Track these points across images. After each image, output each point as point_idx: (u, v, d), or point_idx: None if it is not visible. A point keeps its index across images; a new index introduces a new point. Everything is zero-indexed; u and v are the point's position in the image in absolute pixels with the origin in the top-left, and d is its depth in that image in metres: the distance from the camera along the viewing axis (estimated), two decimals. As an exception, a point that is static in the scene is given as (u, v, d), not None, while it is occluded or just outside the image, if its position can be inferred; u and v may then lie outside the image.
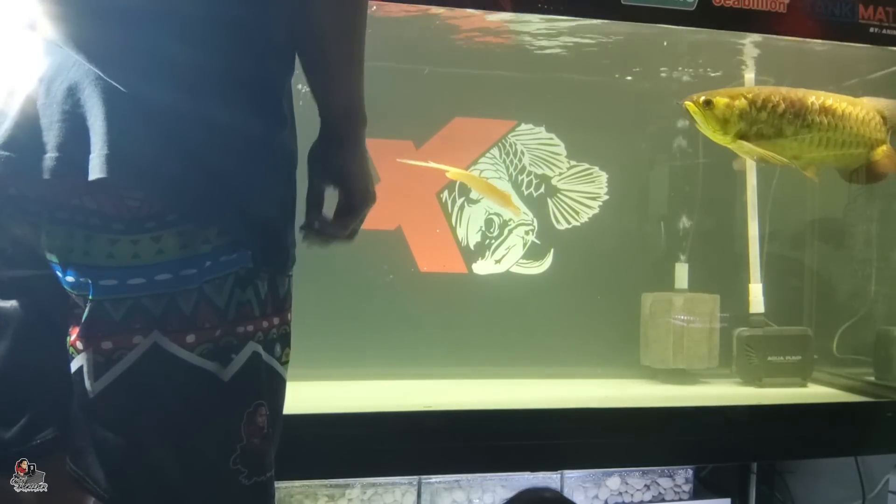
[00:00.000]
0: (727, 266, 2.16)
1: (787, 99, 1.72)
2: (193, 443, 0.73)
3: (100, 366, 0.70)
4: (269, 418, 0.78)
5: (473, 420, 1.60)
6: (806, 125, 1.72)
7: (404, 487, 1.80)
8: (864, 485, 2.01)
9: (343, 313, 1.99)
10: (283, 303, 0.82)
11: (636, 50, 2.00)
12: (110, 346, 0.70)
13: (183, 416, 0.73)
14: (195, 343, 0.73)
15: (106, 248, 0.71)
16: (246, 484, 0.76)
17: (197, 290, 0.73)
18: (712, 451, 1.73)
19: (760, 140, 1.71)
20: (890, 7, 1.75)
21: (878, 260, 2.16)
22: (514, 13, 1.66)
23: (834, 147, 1.75)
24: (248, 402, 0.76)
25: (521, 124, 2.14)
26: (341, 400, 1.78)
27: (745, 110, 1.69)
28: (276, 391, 0.82)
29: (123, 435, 0.72)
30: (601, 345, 2.10)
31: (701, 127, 1.73)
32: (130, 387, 0.71)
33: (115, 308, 0.71)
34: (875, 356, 2.02)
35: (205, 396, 0.74)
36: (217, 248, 0.74)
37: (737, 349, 2.06)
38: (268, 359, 0.79)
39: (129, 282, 0.72)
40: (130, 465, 0.72)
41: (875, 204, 2.19)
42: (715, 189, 2.18)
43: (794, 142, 1.73)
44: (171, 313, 0.72)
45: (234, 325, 0.75)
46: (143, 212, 0.72)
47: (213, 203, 0.74)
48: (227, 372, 0.74)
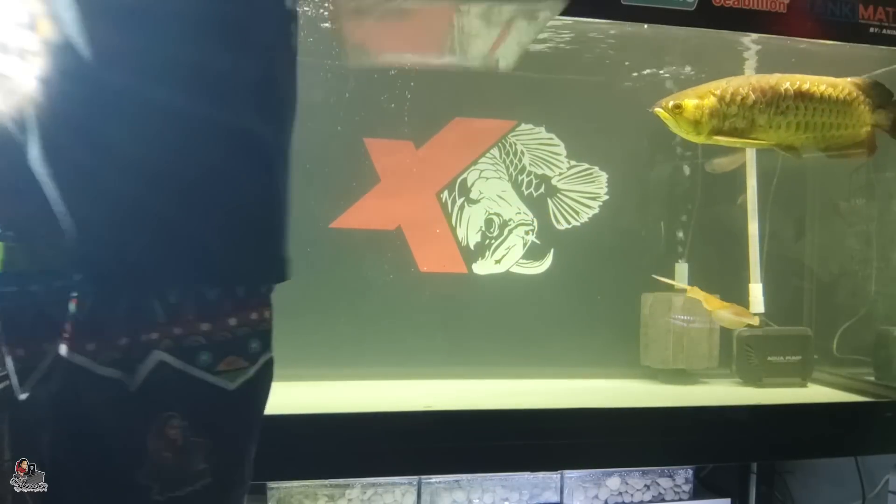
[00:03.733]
0: (727, 266, 2.16)
1: (757, 89, 1.71)
2: (99, 455, 0.71)
3: (20, 372, 0.70)
4: (187, 431, 0.73)
5: (473, 420, 1.60)
6: (780, 112, 1.71)
7: (404, 487, 1.80)
8: (864, 485, 2.01)
9: (343, 313, 1.99)
10: (216, 309, 0.76)
11: (637, 50, 2.00)
12: (22, 354, 0.70)
13: (90, 427, 0.70)
14: (96, 351, 0.70)
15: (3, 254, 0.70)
16: (159, 500, 0.72)
17: (93, 295, 0.70)
18: (712, 451, 1.73)
19: (735, 133, 1.71)
20: (890, 7, 1.75)
21: (878, 260, 2.16)
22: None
23: (814, 130, 1.74)
24: (156, 413, 0.72)
25: (521, 124, 2.14)
26: (341, 400, 1.78)
27: (714, 108, 1.69)
28: (203, 402, 0.76)
29: (41, 442, 0.70)
30: (601, 345, 2.10)
31: (674, 130, 1.73)
32: (43, 395, 0.70)
33: (20, 315, 0.70)
34: (875, 356, 2.03)
35: (110, 407, 0.71)
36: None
37: (737, 349, 2.06)
38: (183, 367, 0.74)
39: (30, 288, 0.70)
40: (48, 476, 0.70)
41: (875, 204, 2.19)
42: (715, 189, 2.18)
43: (770, 129, 1.72)
44: (70, 320, 0.69)
45: (137, 332, 0.71)
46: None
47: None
48: (133, 381, 0.71)
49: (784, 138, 1.74)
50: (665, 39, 1.89)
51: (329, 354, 1.94)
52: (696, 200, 2.16)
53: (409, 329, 2.01)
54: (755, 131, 1.72)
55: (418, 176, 2.07)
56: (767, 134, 1.73)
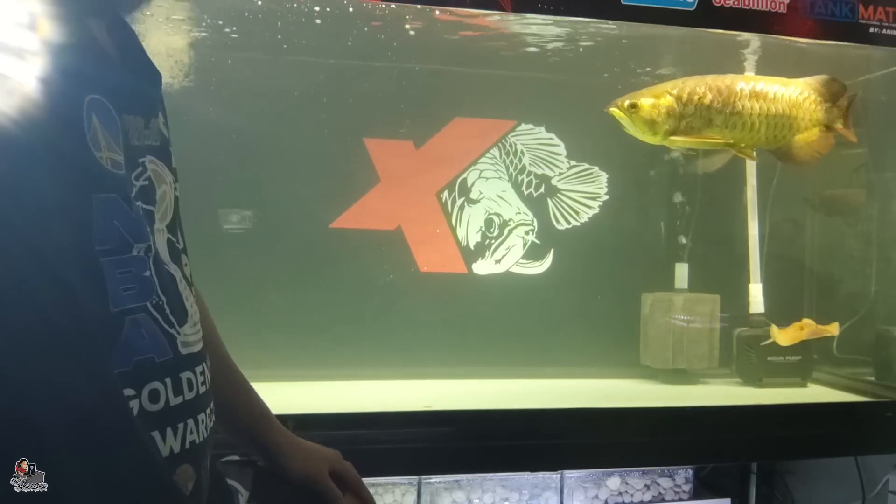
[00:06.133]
0: (727, 266, 2.16)
1: (713, 88, 1.71)
2: None
3: None
4: None
5: (473, 420, 1.60)
6: (736, 112, 1.71)
7: (404, 487, 1.80)
8: (864, 485, 2.01)
9: (343, 313, 1.99)
10: None
11: (637, 50, 2.00)
12: None
13: None
14: None
15: None
16: None
17: None
18: (712, 451, 1.73)
19: (691, 133, 1.71)
20: (890, 7, 1.75)
21: (878, 260, 2.16)
22: (515, 13, 1.66)
23: (767, 130, 1.74)
24: None
25: (521, 124, 2.14)
26: (341, 400, 1.78)
27: (671, 108, 1.69)
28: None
29: None
30: (601, 345, 2.10)
31: (629, 130, 1.72)
32: None
33: None
34: (875, 356, 2.03)
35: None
36: None
37: (737, 349, 2.06)
38: None
39: None
40: None
41: (874, 204, 2.19)
42: (715, 189, 2.18)
43: (726, 129, 1.72)
44: None
45: None
46: None
47: None
48: None
49: (739, 137, 1.74)
50: (666, 39, 1.90)
51: (329, 354, 1.94)
52: (696, 200, 2.16)
53: (409, 329, 2.01)
54: (711, 131, 1.72)
55: (418, 176, 2.07)
56: (723, 133, 1.73)
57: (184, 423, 0.73)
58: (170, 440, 0.72)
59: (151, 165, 0.76)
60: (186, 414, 0.74)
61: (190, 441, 0.74)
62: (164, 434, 0.71)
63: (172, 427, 0.72)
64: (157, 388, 0.71)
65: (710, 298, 2.06)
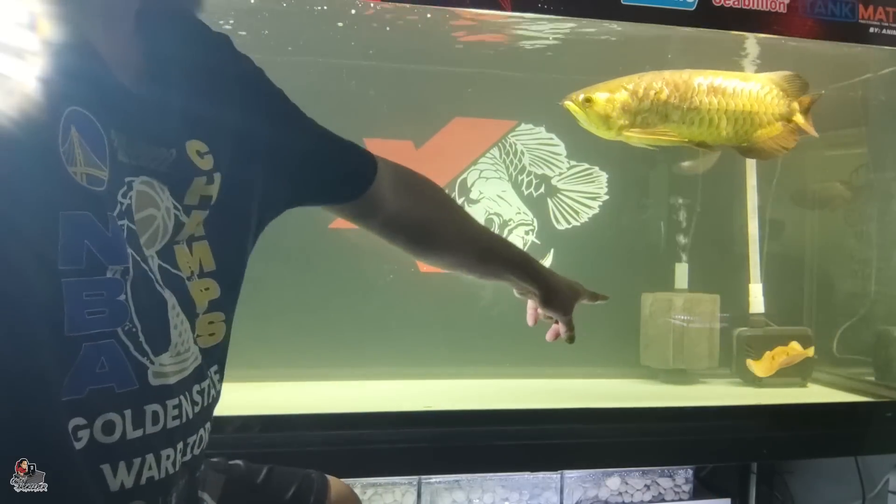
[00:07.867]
0: (727, 266, 2.16)
1: (670, 83, 1.70)
2: None
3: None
4: None
5: (473, 420, 1.60)
6: (693, 107, 1.69)
7: (404, 487, 1.80)
8: (864, 485, 2.01)
9: (343, 313, 1.99)
10: None
11: (637, 50, 1.99)
12: None
13: None
14: None
15: None
16: None
17: None
18: (712, 451, 1.73)
19: (647, 129, 1.69)
20: (890, 7, 1.75)
21: (878, 260, 2.16)
22: (515, 13, 1.66)
23: (728, 125, 1.72)
24: None
25: (521, 124, 2.14)
26: (342, 400, 1.78)
27: (626, 103, 1.67)
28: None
29: None
30: (601, 345, 2.10)
31: (584, 125, 1.71)
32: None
33: None
34: (875, 356, 2.02)
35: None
36: None
37: (737, 349, 2.06)
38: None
39: None
40: None
41: (874, 204, 2.19)
42: (715, 188, 2.18)
43: (683, 125, 1.70)
44: None
45: None
46: None
47: None
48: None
49: (697, 134, 1.72)
50: (667, 38, 1.89)
51: (329, 354, 1.94)
52: (696, 200, 2.16)
53: (409, 329, 2.01)
54: (668, 127, 1.70)
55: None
56: (680, 130, 1.71)
57: (141, 459, 0.68)
58: (121, 475, 0.67)
59: (142, 186, 0.71)
60: (146, 449, 0.69)
61: (147, 477, 0.69)
62: (116, 468, 0.67)
63: (126, 461, 0.68)
64: (113, 420, 0.66)
65: (710, 298, 2.06)
